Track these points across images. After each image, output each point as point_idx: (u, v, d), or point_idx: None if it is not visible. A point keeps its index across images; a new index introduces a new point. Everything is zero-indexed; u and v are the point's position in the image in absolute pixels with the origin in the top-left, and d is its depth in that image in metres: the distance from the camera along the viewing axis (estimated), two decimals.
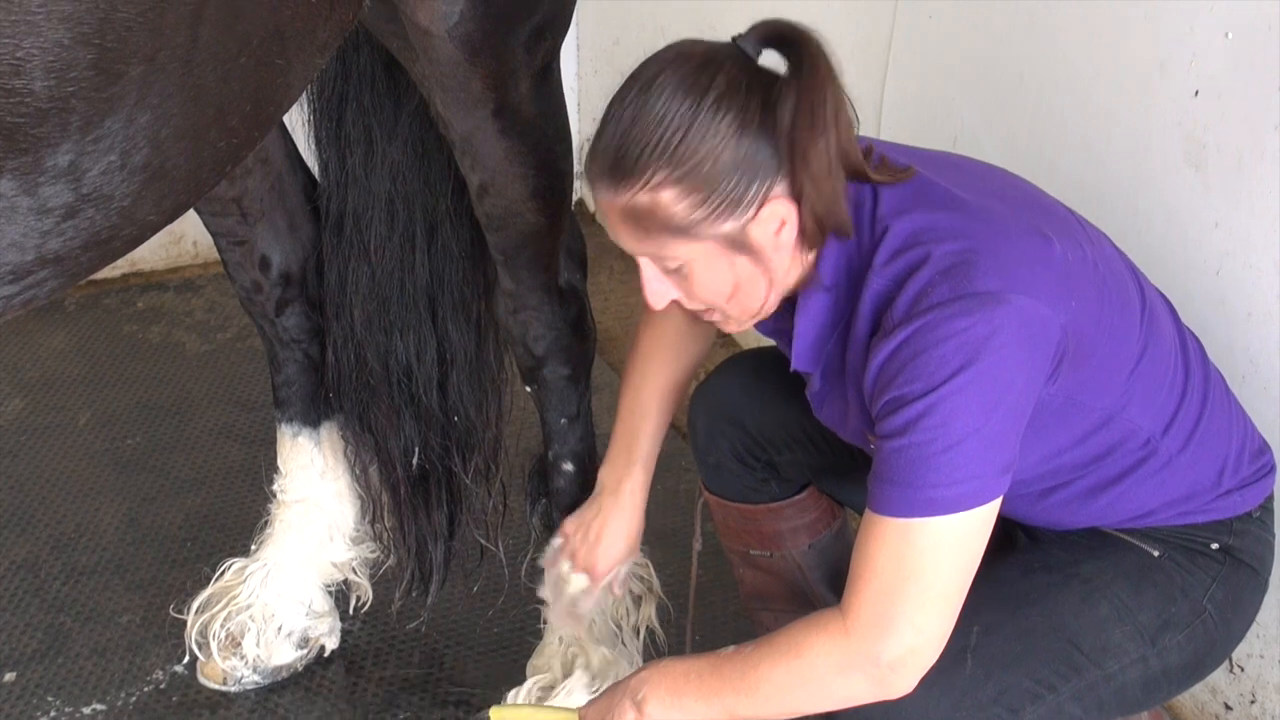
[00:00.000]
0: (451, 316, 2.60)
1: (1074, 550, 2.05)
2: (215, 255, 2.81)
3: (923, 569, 1.76)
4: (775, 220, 1.80)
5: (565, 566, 2.35)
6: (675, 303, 1.93)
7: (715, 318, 1.94)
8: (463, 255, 2.57)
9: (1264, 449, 2.11)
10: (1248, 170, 2.28)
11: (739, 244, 1.80)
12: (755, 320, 1.95)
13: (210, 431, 3.64)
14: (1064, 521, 2.06)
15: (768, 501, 2.37)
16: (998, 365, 1.71)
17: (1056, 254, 1.82)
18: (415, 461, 2.66)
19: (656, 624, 2.66)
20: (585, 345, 2.60)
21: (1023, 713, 1.93)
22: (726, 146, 1.73)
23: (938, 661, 1.83)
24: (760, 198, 1.77)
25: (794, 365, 1.94)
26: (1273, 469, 2.11)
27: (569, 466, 2.63)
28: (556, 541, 2.38)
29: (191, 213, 2.50)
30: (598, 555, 2.31)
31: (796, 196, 1.79)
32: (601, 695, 2.00)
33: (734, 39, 1.80)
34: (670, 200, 1.76)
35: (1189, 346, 2.05)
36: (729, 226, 1.77)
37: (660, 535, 2.79)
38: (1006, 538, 2.15)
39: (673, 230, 1.78)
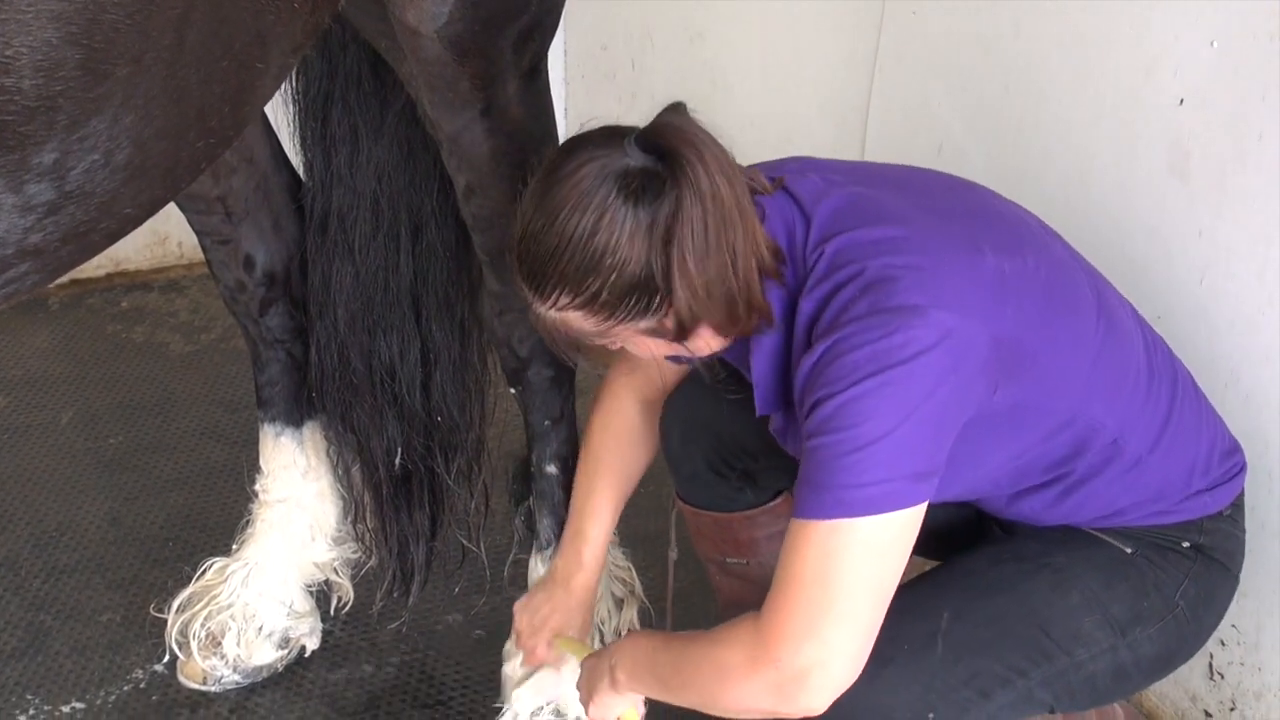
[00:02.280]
0: (436, 317, 2.60)
1: (1046, 543, 2.06)
2: (200, 255, 2.80)
3: (831, 575, 1.74)
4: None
5: (515, 664, 2.44)
6: (630, 389, 2.09)
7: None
8: (448, 255, 2.57)
9: (1234, 449, 2.13)
10: (1231, 179, 2.29)
11: (660, 332, 1.85)
12: (715, 355, 1.98)
13: (193, 431, 3.65)
14: (1038, 519, 2.08)
15: (743, 509, 2.37)
16: (911, 374, 1.72)
17: (989, 267, 1.83)
18: (398, 462, 2.66)
19: (638, 627, 2.67)
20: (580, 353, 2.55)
21: (993, 696, 1.94)
22: (623, 271, 1.76)
23: (908, 646, 1.86)
24: (664, 306, 1.81)
25: (759, 410, 1.97)
26: (1243, 468, 2.14)
27: (552, 469, 2.62)
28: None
29: (177, 213, 2.58)
30: (542, 644, 2.37)
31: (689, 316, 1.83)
32: (593, 655, 2.13)
33: (626, 141, 1.81)
34: (578, 319, 1.82)
35: (1154, 348, 2.06)
36: (644, 324, 1.83)
37: (643, 539, 2.81)
38: (981, 534, 2.18)
39: (590, 336, 1.86)
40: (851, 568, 1.75)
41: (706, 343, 1.90)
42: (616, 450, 2.34)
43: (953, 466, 1.82)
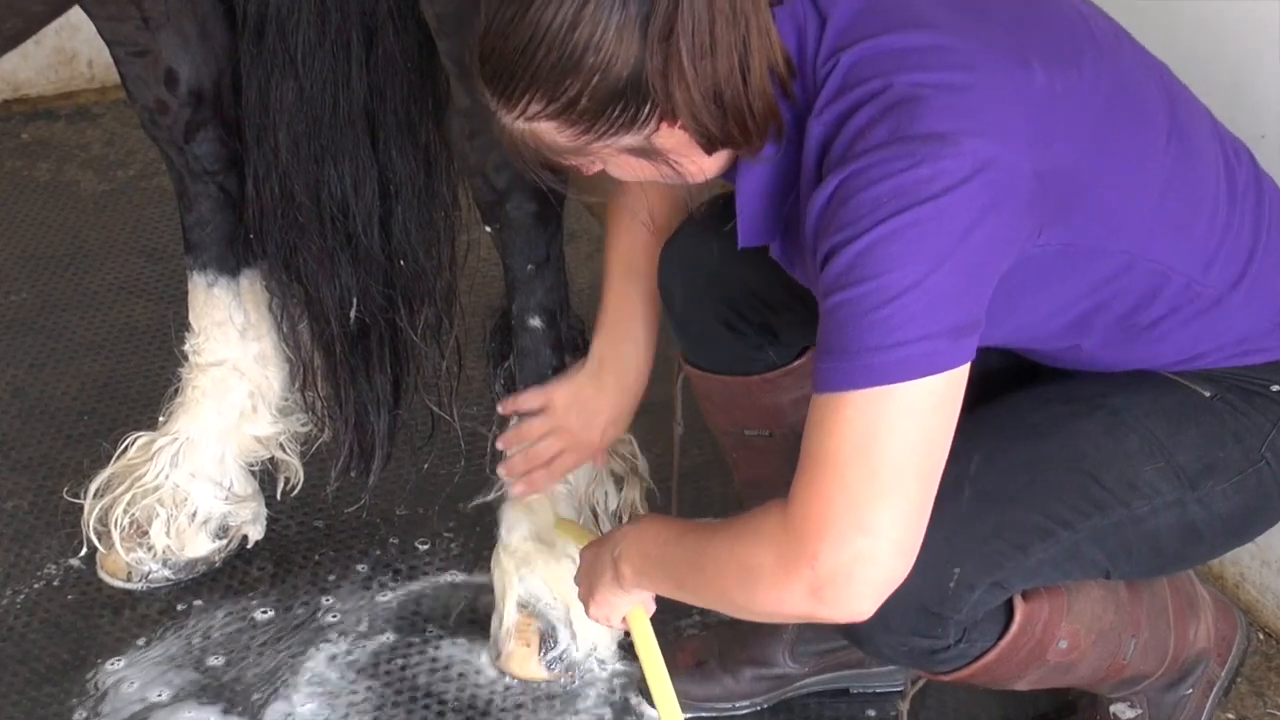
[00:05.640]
0: (395, 140, 2.57)
1: (1106, 384, 2.06)
2: (114, 77, 2.80)
3: (869, 453, 1.73)
4: (679, 133, 1.81)
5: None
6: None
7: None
8: (409, 66, 2.53)
9: None
10: None
11: (646, 152, 1.83)
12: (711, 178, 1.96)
13: (110, 285, 3.64)
14: (1100, 367, 2.08)
15: (763, 371, 2.35)
16: (943, 212, 1.70)
17: (1038, 84, 1.81)
18: (353, 315, 2.65)
19: (642, 510, 2.67)
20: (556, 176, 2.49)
21: (1030, 550, 1.95)
22: (607, 73, 1.73)
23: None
24: (655, 117, 1.78)
25: (741, 242, 1.96)
26: None
27: (536, 322, 2.61)
28: (532, 402, 2.48)
29: (86, 27, 2.58)
30: (595, 439, 2.45)
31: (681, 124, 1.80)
32: (594, 543, 2.16)
33: None
34: (550, 131, 1.79)
35: (1236, 165, 2.03)
36: (627, 141, 1.80)
37: (643, 410, 2.73)
38: (1030, 380, 2.18)
39: (564, 153, 1.83)
40: (893, 443, 1.73)
41: (702, 166, 1.88)
42: (648, 260, 2.35)
43: (990, 320, 1.80)
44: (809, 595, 1.77)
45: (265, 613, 2.76)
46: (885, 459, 1.73)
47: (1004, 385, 2.15)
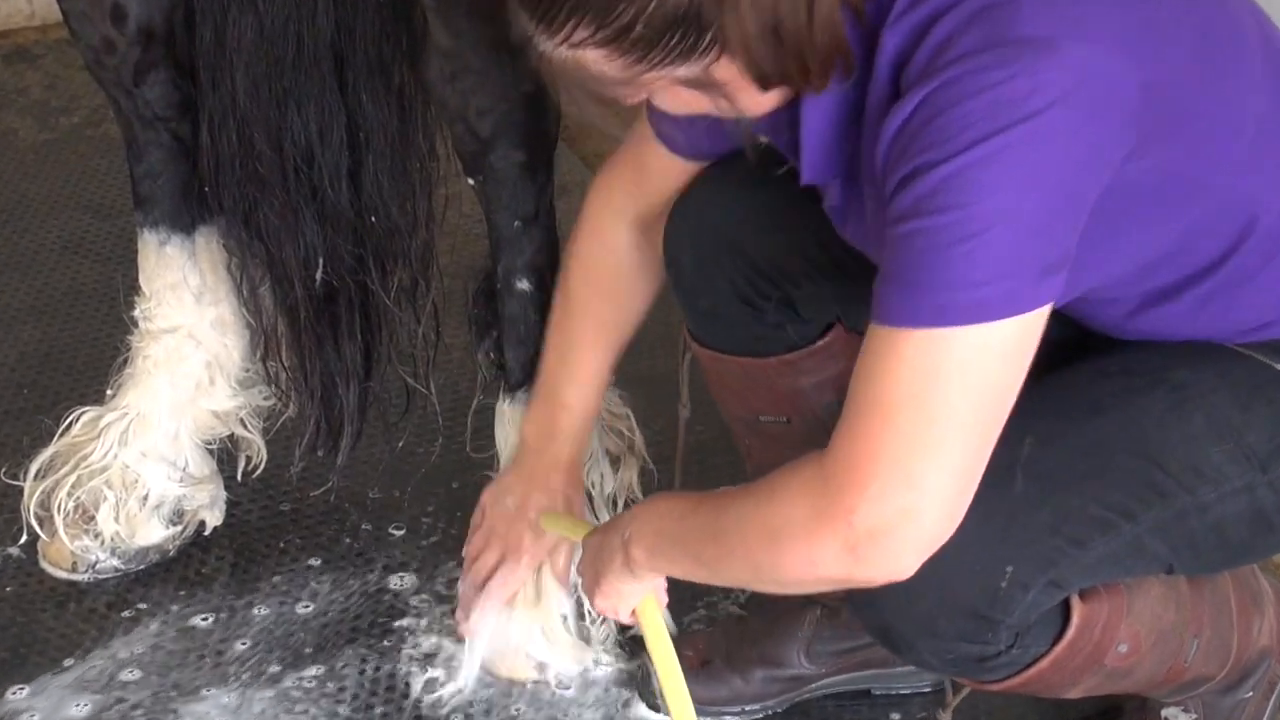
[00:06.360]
0: (366, 83, 2.51)
1: (1167, 356, 2.02)
2: (56, 13, 2.78)
3: (927, 399, 1.70)
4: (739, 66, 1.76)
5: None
6: (618, 214, 2.17)
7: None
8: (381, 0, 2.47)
9: None
10: None
11: (701, 83, 1.77)
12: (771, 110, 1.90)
13: (51, 244, 3.64)
14: (1167, 335, 2.04)
15: (781, 352, 2.31)
16: (1041, 132, 1.66)
17: None
18: (319, 277, 2.60)
19: (639, 493, 2.63)
20: (545, 123, 2.49)
21: (1090, 545, 1.92)
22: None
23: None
24: (718, 45, 1.71)
25: (805, 178, 1.91)
26: None
27: (524, 285, 2.55)
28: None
29: None
30: (525, 535, 2.41)
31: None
32: (599, 529, 2.15)
33: None
34: (598, 59, 1.73)
35: None
36: (682, 72, 1.74)
37: (644, 381, 2.75)
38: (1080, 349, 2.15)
39: (609, 83, 1.77)
40: (954, 391, 1.70)
41: (760, 100, 1.79)
42: (602, 300, 2.34)
43: (1078, 251, 1.77)
44: (844, 552, 1.73)
45: (229, 602, 2.74)
46: (943, 408, 1.69)
47: (1056, 359, 2.09)
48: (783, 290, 2.26)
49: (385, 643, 2.61)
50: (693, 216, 2.25)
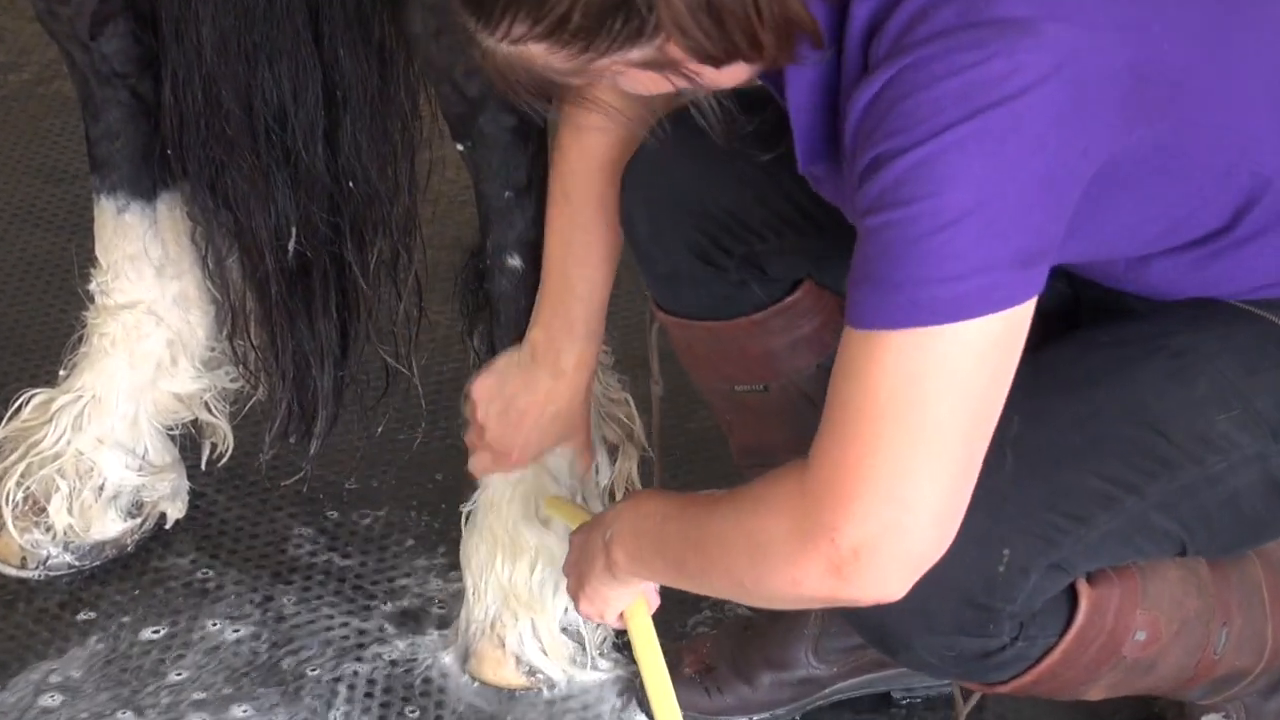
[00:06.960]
0: (343, 36, 2.46)
1: (1166, 319, 2.02)
2: None
3: (906, 405, 1.69)
4: None
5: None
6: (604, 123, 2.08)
7: None
8: None
9: None
10: None
11: (658, 64, 1.77)
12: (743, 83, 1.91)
13: (0, 212, 3.66)
14: (1166, 292, 2.03)
15: (749, 312, 2.29)
16: (1016, 117, 1.65)
17: None
18: (292, 248, 2.56)
19: (640, 485, 2.60)
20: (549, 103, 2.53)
21: (1093, 522, 1.91)
22: None
23: None
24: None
25: (802, 165, 1.91)
26: None
27: (515, 261, 2.49)
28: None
29: None
30: (517, 440, 2.39)
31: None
32: (584, 526, 2.16)
33: None
34: (542, 54, 1.74)
35: None
36: (635, 55, 1.74)
37: (622, 363, 2.73)
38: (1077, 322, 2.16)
39: (560, 74, 1.78)
40: (937, 395, 1.68)
41: (720, 76, 1.80)
42: (605, 178, 2.29)
43: (1067, 228, 1.76)
44: (829, 573, 1.73)
45: (191, 603, 2.71)
46: (927, 415, 1.69)
47: (1046, 331, 2.08)
48: (747, 244, 2.24)
49: (361, 647, 2.59)
50: (644, 176, 2.24)
